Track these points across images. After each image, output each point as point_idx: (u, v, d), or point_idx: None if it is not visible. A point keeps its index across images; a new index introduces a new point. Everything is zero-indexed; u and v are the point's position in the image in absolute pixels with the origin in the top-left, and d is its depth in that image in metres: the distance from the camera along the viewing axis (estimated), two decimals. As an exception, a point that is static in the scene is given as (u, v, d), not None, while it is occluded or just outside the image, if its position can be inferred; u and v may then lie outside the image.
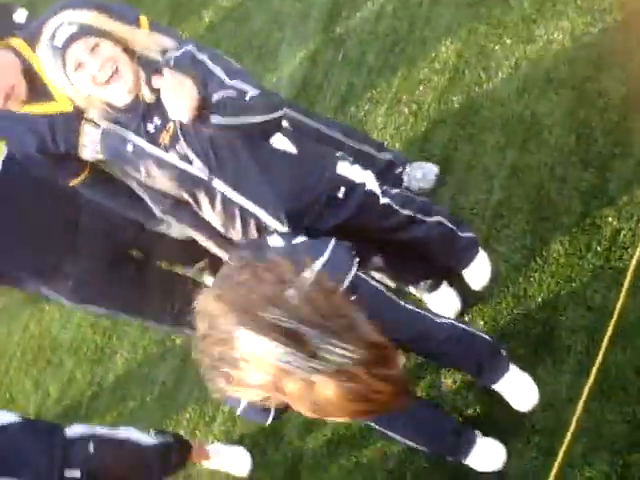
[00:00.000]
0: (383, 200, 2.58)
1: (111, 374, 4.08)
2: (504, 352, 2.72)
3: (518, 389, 2.68)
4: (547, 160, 3.05)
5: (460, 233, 2.86)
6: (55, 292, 2.92)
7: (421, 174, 3.30)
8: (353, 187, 2.49)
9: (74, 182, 2.60)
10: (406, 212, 2.65)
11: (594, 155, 2.94)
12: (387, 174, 3.21)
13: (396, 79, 3.80)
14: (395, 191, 2.65)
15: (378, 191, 2.56)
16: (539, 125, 3.14)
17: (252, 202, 2.34)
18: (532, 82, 3.25)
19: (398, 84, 3.78)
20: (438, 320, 2.43)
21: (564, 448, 2.51)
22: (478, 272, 2.95)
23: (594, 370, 2.55)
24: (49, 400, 4.15)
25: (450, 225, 2.81)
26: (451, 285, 3.03)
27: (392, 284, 2.97)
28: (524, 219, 3.02)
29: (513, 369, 2.71)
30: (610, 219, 2.80)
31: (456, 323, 2.52)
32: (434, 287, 3.00)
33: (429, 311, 2.42)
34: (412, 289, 3.04)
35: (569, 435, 2.51)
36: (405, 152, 3.50)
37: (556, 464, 2.52)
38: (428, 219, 2.72)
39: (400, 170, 3.29)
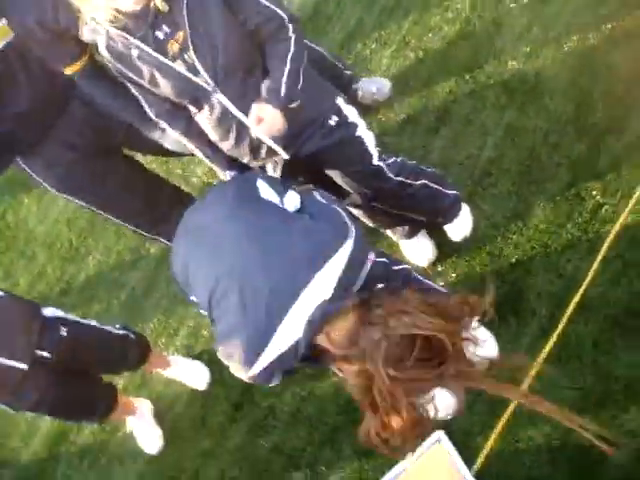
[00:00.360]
0: (377, 162, 2.57)
1: (82, 274, 4.10)
2: None
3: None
4: (543, 125, 3.05)
5: (445, 191, 2.86)
6: (40, 178, 2.90)
7: (375, 88, 3.53)
8: (345, 122, 2.48)
9: (71, 68, 2.56)
10: (398, 179, 2.66)
11: (590, 127, 2.95)
12: (348, 89, 3.43)
13: (407, 22, 3.75)
14: (392, 160, 2.64)
15: (375, 152, 2.56)
16: (541, 89, 3.14)
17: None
18: (541, 44, 3.23)
19: (408, 28, 3.74)
20: (395, 267, 2.45)
21: (513, 405, 2.60)
22: (459, 226, 2.99)
23: (554, 336, 2.63)
24: (17, 290, 4.15)
25: (435, 186, 2.81)
26: (429, 234, 3.06)
27: (370, 223, 3.00)
28: (511, 180, 3.04)
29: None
30: (595, 192, 2.82)
31: (413, 272, 2.53)
32: (411, 234, 3.03)
33: (388, 257, 2.44)
34: (389, 232, 3.06)
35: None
36: (405, 97, 3.50)
37: (502, 420, 2.61)
38: (416, 183, 2.72)
39: (356, 85, 3.51)
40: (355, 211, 2.92)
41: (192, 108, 2.33)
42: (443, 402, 2.70)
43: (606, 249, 2.67)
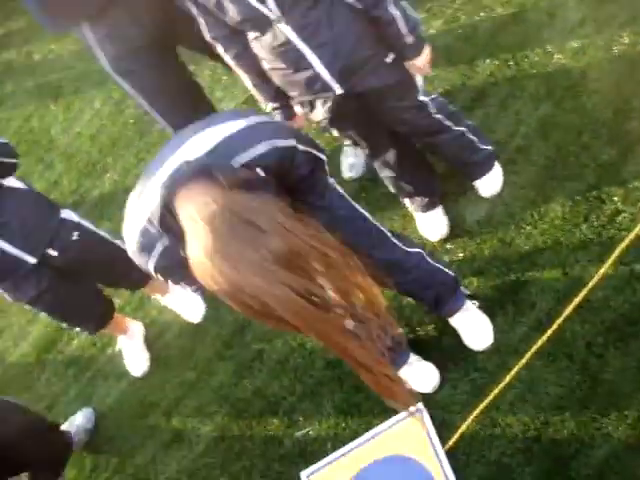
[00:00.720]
0: (422, 97, 2.65)
1: (96, 190, 4.13)
2: (463, 289, 2.80)
3: (474, 327, 2.77)
4: (577, 123, 3.04)
5: (480, 145, 2.95)
6: (102, 51, 2.92)
7: None
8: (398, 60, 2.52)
9: None
10: (438, 117, 2.74)
11: (623, 134, 2.93)
12: None
13: (460, -3, 3.74)
14: (434, 95, 2.73)
15: (421, 88, 2.62)
16: (582, 87, 3.12)
17: (312, 52, 2.34)
18: (591, 43, 3.20)
19: (461, 3, 3.72)
20: (407, 248, 2.48)
21: (497, 390, 2.64)
22: (489, 183, 3.05)
23: (549, 331, 2.65)
24: (30, 195, 4.19)
25: (472, 137, 2.91)
26: (445, 210, 3.08)
27: (392, 189, 3.02)
28: (535, 172, 3.03)
29: (471, 307, 2.79)
30: (616, 198, 2.82)
31: (426, 256, 2.57)
32: (429, 207, 3.05)
33: (398, 237, 2.47)
34: (407, 202, 3.08)
35: (506, 380, 2.63)
36: (446, 72, 3.48)
37: (483, 402, 2.65)
38: (454, 128, 2.82)
39: None
40: (384, 173, 2.95)
41: (254, 33, 2.34)
42: (422, 376, 2.77)
43: (617, 256, 2.68)
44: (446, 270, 2.69)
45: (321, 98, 2.51)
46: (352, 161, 3.44)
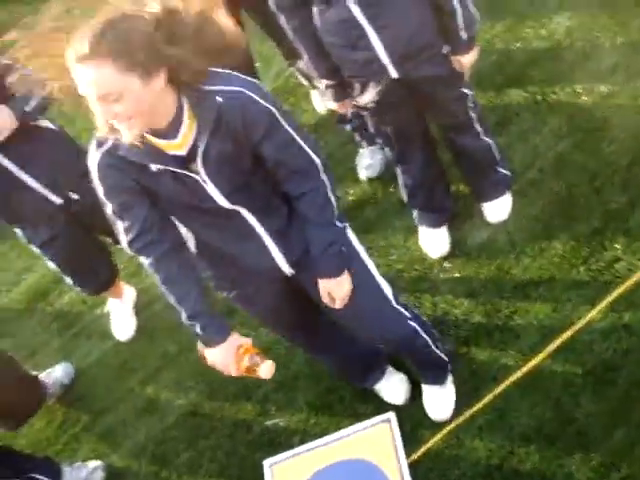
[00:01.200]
0: (465, 89, 2.71)
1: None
2: (449, 372, 2.74)
3: (440, 401, 2.73)
4: (593, 167, 3.07)
5: (499, 167, 3.01)
6: None
7: None
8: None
9: None
10: (473, 115, 2.80)
11: (636, 184, 2.96)
12: None
13: (500, 24, 3.77)
14: (472, 93, 2.79)
15: (466, 80, 2.70)
16: (604, 133, 3.15)
17: (375, 32, 2.40)
18: (620, 91, 3.24)
19: (499, 30, 3.76)
20: (406, 326, 2.43)
21: (468, 413, 2.67)
22: (497, 208, 3.08)
23: (529, 365, 2.68)
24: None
25: (496, 154, 2.97)
26: (449, 231, 3.12)
27: (405, 198, 3.09)
28: (543, 208, 3.07)
29: (447, 383, 2.74)
30: (617, 246, 2.84)
31: (422, 334, 2.50)
32: (436, 224, 3.09)
33: (401, 305, 2.42)
34: (416, 214, 3.12)
35: (479, 404, 2.66)
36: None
37: (453, 422, 2.68)
38: (482, 137, 2.88)
39: None
40: (403, 179, 3.02)
41: (320, 6, 2.40)
42: (395, 387, 2.79)
43: (609, 302, 2.71)
44: (440, 354, 2.63)
45: (374, 80, 2.56)
46: (369, 162, 3.47)
